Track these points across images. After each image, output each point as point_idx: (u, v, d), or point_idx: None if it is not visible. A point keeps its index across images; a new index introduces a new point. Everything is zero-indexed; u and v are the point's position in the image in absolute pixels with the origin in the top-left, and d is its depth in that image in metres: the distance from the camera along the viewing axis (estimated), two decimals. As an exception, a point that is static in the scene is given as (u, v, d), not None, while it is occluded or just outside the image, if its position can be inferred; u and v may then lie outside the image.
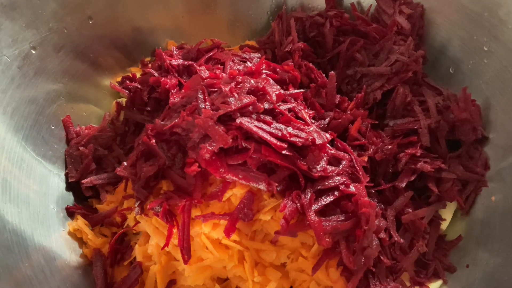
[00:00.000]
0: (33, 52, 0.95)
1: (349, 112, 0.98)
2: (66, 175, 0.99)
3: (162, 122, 0.86)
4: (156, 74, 1.03)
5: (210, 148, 0.77)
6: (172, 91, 0.97)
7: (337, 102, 1.00)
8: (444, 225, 0.97)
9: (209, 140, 0.79)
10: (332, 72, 1.00)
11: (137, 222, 0.90)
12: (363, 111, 0.98)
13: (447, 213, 0.97)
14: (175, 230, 0.83)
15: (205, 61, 1.04)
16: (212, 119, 0.78)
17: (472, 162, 0.97)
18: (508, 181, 0.91)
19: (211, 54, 1.07)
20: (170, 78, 1.00)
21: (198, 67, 0.96)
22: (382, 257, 0.86)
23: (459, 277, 0.91)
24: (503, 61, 0.95)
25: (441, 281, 0.91)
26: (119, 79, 1.18)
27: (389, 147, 0.93)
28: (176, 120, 0.83)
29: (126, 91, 1.11)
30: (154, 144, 0.85)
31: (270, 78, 0.92)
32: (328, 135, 0.85)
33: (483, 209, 0.95)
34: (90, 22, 1.10)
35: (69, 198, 0.99)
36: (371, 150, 0.94)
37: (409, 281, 0.90)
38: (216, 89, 0.86)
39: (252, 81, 0.86)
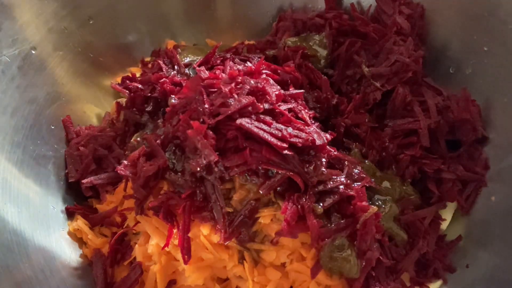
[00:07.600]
0: (33, 52, 0.95)
1: (346, 116, 0.98)
2: (66, 175, 0.99)
3: (163, 128, 0.87)
4: (156, 75, 1.03)
5: (200, 161, 0.77)
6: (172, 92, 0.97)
7: (334, 103, 1.00)
8: (444, 225, 0.97)
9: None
10: (325, 77, 1.01)
11: (137, 222, 0.90)
12: (361, 115, 0.98)
13: (447, 213, 0.97)
14: (175, 230, 0.83)
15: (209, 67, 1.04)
16: (200, 133, 0.78)
17: (472, 162, 0.97)
18: (508, 181, 0.91)
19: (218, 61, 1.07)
20: (170, 78, 0.99)
21: (197, 68, 0.96)
22: (382, 257, 0.85)
23: (459, 277, 0.91)
24: (503, 61, 0.95)
25: (441, 281, 0.91)
26: (119, 79, 1.17)
27: (391, 151, 0.93)
28: (172, 130, 0.84)
29: (126, 91, 1.11)
30: (159, 144, 0.85)
31: (270, 78, 0.92)
32: (328, 136, 0.85)
33: (483, 209, 0.95)
34: (90, 22, 1.10)
35: (69, 198, 0.99)
36: (371, 157, 0.94)
37: (409, 281, 0.90)
38: (215, 89, 0.86)
39: (252, 81, 0.85)
